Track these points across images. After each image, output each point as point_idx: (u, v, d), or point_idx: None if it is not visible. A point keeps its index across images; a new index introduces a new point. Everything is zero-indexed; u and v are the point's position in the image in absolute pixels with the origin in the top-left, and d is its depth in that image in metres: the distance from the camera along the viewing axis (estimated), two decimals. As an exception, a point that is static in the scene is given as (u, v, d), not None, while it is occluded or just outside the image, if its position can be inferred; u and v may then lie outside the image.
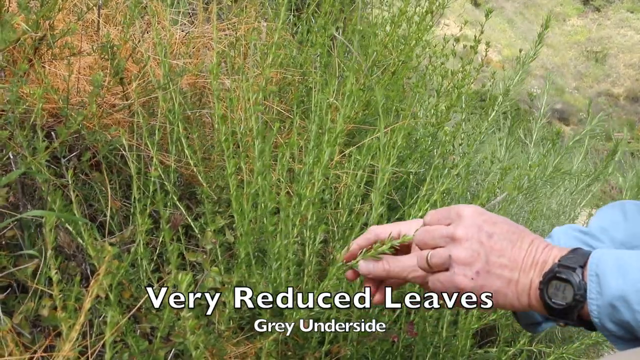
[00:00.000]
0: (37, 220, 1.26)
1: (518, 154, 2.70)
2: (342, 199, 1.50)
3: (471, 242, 0.90)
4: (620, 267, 0.79)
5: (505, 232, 0.91)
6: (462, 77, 1.82)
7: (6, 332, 0.95)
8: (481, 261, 0.90)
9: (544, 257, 0.88)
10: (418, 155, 1.81)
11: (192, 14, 2.19)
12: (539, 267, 0.88)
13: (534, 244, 0.90)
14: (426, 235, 0.96)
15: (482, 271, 0.90)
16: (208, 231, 1.30)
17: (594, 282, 0.81)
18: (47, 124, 1.42)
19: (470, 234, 0.91)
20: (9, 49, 1.37)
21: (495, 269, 0.90)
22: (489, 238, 0.90)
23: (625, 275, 0.78)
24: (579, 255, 0.85)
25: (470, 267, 0.90)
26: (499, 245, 0.90)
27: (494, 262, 0.90)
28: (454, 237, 0.91)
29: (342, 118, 1.14)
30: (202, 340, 1.01)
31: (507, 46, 35.61)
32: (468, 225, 0.91)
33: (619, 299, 0.78)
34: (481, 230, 0.91)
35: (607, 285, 0.79)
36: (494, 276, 0.90)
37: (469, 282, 0.90)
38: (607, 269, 0.80)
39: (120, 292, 1.21)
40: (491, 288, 0.90)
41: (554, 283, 0.84)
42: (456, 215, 0.93)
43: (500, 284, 0.90)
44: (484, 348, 1.72)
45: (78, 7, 1.70)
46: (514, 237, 0.91)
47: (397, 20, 1.88)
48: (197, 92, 1.77)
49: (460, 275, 0.90)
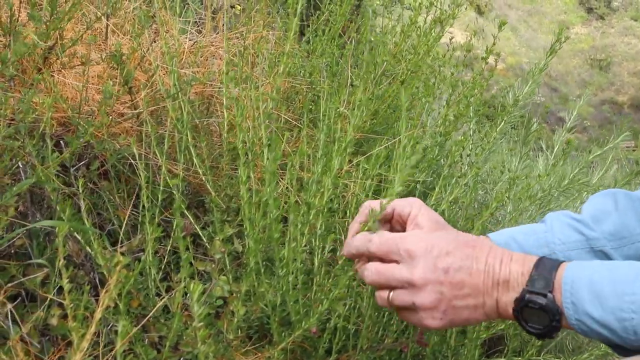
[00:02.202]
0: (46, 229, 1.26)
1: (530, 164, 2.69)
2: (350, 208, 1.50)
3: (432, 285, 0.90)
4: (597, 295, 0.79)
5: (459, 261, 0.91)
6: (471, 86, 1.82)
7: (16, 341, 0.95)
8: (445, 301, 0.90)
9: (505, 275, 0.88)
10: (426, 164, 1.80)
11: (200, 23, 2.19)
12: (501, 286, 0.88)
13: (488, 264, 0.90)
14: (381, 278, 0.94)
15: (449, 308, 0.91)
16: (216, 240, 1.30)
17: (571, 310, 0.81)
18: (56, 133, 1.42)
19: (428, 278, 0.90)
20: (19, 58, 1.37)
21: (460, 302, 0.90)
22: (446, 274, 0.90)
23: (603, 304, 0.79)
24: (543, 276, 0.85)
25: (436, 310, 0.91)
26: (457, 279, 0.90)
27: (457, 296, 0.90)
28: (413, 284, 0.91)
29: (352, 127, 1.14)
30: (212, 349, 1.01)
31: (511, 54, 35.62)
32: (423, 268, 0.90)
33: (602, 327, 0.79)
34: (436, 269, 0.90)
35: (586, 314, 0.80)
36: (460, 309, 0.91)
37: (438, 322, 0.91)
38: (583, 297, 0.80)
39: (129, 301, 1.21)
40: (460, 318, 0.91)
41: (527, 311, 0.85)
42: (407, 255, 0.92)
43: (468, 312, 0.91)
44: (492, 358, 1.71)
45: (87, 17, 1.70)
46: (468, 262, 0.91)
47: (407, 30, 1.89)
48: (205, 101, 1.77)
49: (429, 319, 0.91)
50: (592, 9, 43.43)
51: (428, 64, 2.00)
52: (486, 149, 1.74)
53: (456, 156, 1.76)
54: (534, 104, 2.89)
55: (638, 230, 1.07)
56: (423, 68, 1.97)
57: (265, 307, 1.18)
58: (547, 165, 2.35)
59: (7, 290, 1.08)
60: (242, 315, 1.13)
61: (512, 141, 2.93)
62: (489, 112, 2.07)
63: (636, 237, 1.07)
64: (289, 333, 1.16)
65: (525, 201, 1.67)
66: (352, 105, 1.62)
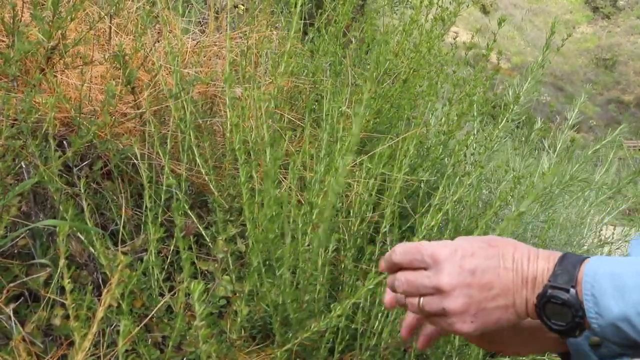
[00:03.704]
0: (49, 229, 1.26)
1: (533, 162, 2.67)
2: (353, 207, 1.50)
3: (460, 289, 0.89)
4: (617, 288, 0.78)
5: (485, 261, 0.90)
6: (474, 85, 1.82)
7: (19, 341, 0.95)
8: (475, 304, 0.89)
9: (532, 273, 0.87)
10: (429, 163, 1.80)
11: (203, 23, 2.19)
12: (529, 284, 0.87)
13: (516, 261, 0.89)
14: (410, 287, 0.94)
15: (479, 311, 0.89)
16: (219, 240, 1.30)
17: (591, 302, 0.80)
18: (59, 133, 1.42)
19: (455, 282, 0.89)
20: (22, 58, 1.37)
21: (490, 304, 0.89)
22: (473, 275, 0.89)
23: (623, 296, 0.77)
24: (567, 270, 0.83)
25: (467, 313, 0.89)
26: (485, 279, 0.89)
27: (486, 297, 0.88)
28: (441, 290, 0.90)
29: (358, 126, 1.13)
30: (215, 349, 1.01)
31: (517, 54, 35.52)
32: (450, 273, 0.89)
33: (621, 320, 0.77)
34: (463, 271, 0.89)
35: (606, 307, 0.78)
36: (491, 310, 0.89)
37: (470, 326, 0.90)
38: (603, 290, 0.79)
39: (132, 301, 1.21)
40: (492, 320, 0.89)
41: (550, 306, 0.84)
42: (432, 261, 0.91)
43: (500, 313, 0.89)
44: (496, 357, 1.70)
45: (90, 17, 1.70)
46: (494, 262, 0.89)
47: (408, 28, 1.88)
48: (208, 101, 1.77)
49: (460, 323, 0.90)
50: (597, 8, 43.33)
51: (430, 62, 2.00)
52: (489, 147, 1.74)
53: (460, 155, 1.75)
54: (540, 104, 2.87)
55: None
56: (426, 66, 1.97)
57: (267, 306, 1.18)
58: (551, 164, 2.34)
59: (10, 290, 1.09)
60: (246, 315, 1.13)
61: (517, 140, 2.92)
62: (494, 111, 2.07)
63: None
64: (295, 336, 1.16)
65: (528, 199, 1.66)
66: (355, 105, 1.62)
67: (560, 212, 2.74)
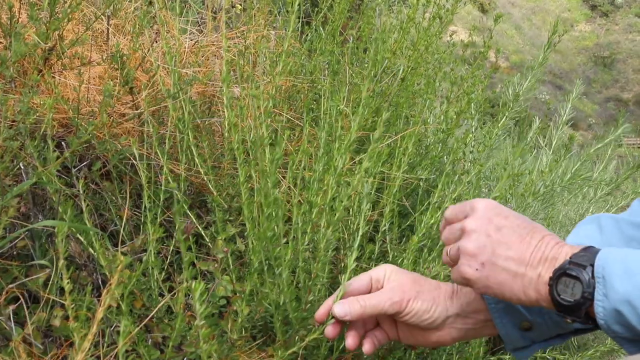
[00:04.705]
0: (48, 230, 1.26)
1: (531, 160, 2.68)
2: (352, 206, 1.50)
3: (479, 234, 0.92)
4: (626, 270, 0.79)
5: (515, 226, 0.92)
6: (472, 83, 1.82)
7: (18, 342, 0.95)
8: (487, 253, 0.91)
9: (554, 254, 0.88)
10: (428, 161, 1.80)
11: (200, 23, 2.19)
12: (548, 262, 0.88)
13: (544, 240, 0.91)
14: (447, 232, 1.00)
15: (488, 263, 0.91)
16: (219, 240, 1.30)
17: (600, 284, 0.81)
18: (57, 134, 1.42)
19: (479, 227, 0.93)
20: (19, 60, 1.37)
21: (501, 262, 0.91)
22: (498, 231, 0.92)
23: (631, 277, 0.78)
24: (590, 254, 0.85)
25: (475, 258, 0.92)
26: (506, 239, 0.91)
27: (500, 255, 0.91)
28: (465, 230, 0.94)
29: (357, 125, 1.14)
30: (215, 349, 1.01)
31: (515, 52, 35.55)
32: (478, 218, 0.94)
33: (624, 303, 0.78)
34: (490, 222, 0.93)
35: (613, 288, 0.79)
36: (499, 268, 0.91)
37: (473, 272, 0.92)
38: (613, 272, 0.80)
39: (131, 301, 1.21)
40: (496, 280, 0.91)
41: (564, 280, 0.85)
42: (470, 209, 0.96)
43: (506, 276, 0.90)
44: (496, 355, 1.70)
45: (87, 17, 1.70)
46: (524, 231, 0.92)
47: (405, 26, 1.88)
48: (207, 101, 1.77)
49: (466, 266, 0.93)
50: (596, 6, 43.37)
51: (428, 60, 2.00)
52: (488, 145, 1.74)
53: (459, 153, 1.75)
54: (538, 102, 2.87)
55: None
56: (423, 64, 1.97)
57: (269, 306, 1.17)
58: (549, 162, 2.34)
59: (10, 292, 1.08)
60: (246, 315, 1.13)
61: (515, 138, 2.93)
62: (493, 110, 2.07)
63: None
64: (301, 339, 1.16)
65: (528, 197, 1.66)
66: (353, 103, 1.62)
67: (560, 210, 2.74)
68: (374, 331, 1.12)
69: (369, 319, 1.13)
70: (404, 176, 1.56)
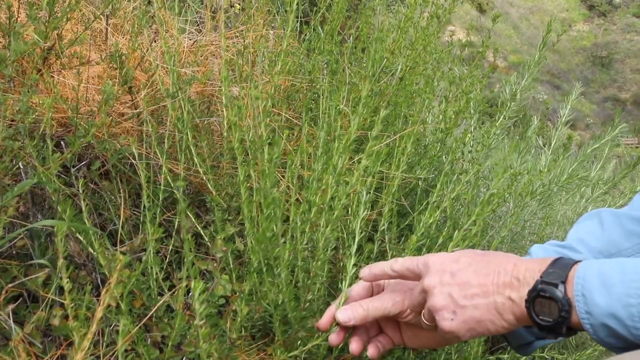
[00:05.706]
0: (47, 230, 1.26)
1: (529, 160, 2.68)
2: (351, 206, 1.50)
3: (439, 287, 0.94)
4: (604, 282, 0.80)
5: (467, 265, 0.95)
6: (471, 82, 1.82)
7: (18, 342, 0.95)
8: (453, 300, 0.93)
9: (516, 274, 0.90)
10: (427, 161, 1.80)
11: (199, 23, 2.19)
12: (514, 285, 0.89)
13: (500, 264, 0.92)
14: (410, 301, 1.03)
15: (458, 308, 0.93)
16: (218, 239, 1.30)
17: (581, 302, 0.81)
18: (56, 133, 1.42)
19: (437, 281, 0.95)
20: (18, 59, 1.37)
21: (468, 301, 0.92)
22: (453, 276, 0.94)
23: (609, 290, 0.79)
24: (560, 269, 0.85)
25: (446, 310, 0.93)
26: (464, 279, 0.93)
27: (465, 295, 0.92)
28: (426, 290, 0.96)
29: (356, 125, 1.14)
30: (215, 348, 1.01)
31: (513, 52, 35.57)
32: (433, 273, 0.96)
33: (609, 316, 0.78)
34: (445, 272, 0.95)
35: (594, 304, 0.80)
36: (470, 308, 0.92)
37: (450, 323, 0.94)
38: (592, 288, 0.81)
39: (131, 300, 1.21)
40: (473, 319, 0.93)
41: (539, 301, 0.86)
42: (424, 267, 0.99)
43: (480, 312, 0.92)
44: (495, 354, 1.70)
45: (86, 17, 1.70)
46: (478, 266, 0.94)
47: (404, 26, 1.88)
48: (206, 100, 1.77)
49: (442, 321, 0.94)
50: (593, 6, 43.40)
51: (426, 60, 2.00)
52: (487, 145, 1.74)
53: (457, 153, 1.75)
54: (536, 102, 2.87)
55: (625, 245, 1.09)
56: (422, 64, 1.97)
57: (268, 305, 1.18)
58: (547, 161, 2.34)
59: (9, 291, 1.08)
60: (245, 315, 1.13)
61: (513, 138, 2.93)
62: (491, 110, 2.07)
63: (624, 252, 1.08)
64: (303, 342, 1.17)
65: (526, 197, 1.67)
66: (352, 103, 1.62)
67: (558, 209, 2.75)
68: (378, 337, 1.13)
69: (372, 325, 1.14)
70: (402, 176, 1.57)
